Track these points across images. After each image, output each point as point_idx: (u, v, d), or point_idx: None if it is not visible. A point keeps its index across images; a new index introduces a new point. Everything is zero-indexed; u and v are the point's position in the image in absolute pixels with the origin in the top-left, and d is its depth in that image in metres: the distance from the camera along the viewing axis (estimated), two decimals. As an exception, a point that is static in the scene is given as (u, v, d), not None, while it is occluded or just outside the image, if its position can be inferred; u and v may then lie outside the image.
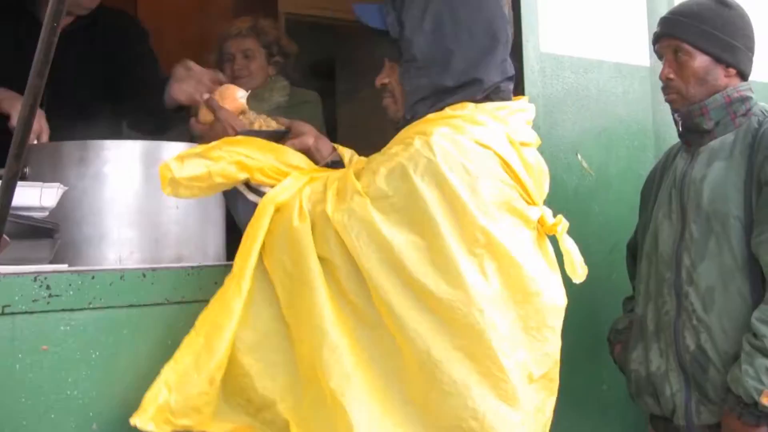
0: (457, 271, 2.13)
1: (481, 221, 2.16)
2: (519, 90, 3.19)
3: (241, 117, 2.64)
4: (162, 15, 5.76)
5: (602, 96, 3.53)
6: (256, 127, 2.66)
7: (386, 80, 2.50)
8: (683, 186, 2.93)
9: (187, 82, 3.05)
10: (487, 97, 2.39)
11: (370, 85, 2.56)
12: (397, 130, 2.39)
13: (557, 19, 3.39)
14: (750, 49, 2.92)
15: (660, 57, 3.01)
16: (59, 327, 2.21)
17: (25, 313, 2.15)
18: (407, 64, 2.39)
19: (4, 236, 2.12)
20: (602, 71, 3.53)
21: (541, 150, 3.16)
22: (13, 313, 2.13)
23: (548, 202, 2.52)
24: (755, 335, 2.63)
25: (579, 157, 3.44)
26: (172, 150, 2.70)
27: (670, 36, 2.94)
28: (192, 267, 2.46)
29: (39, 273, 2.20)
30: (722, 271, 2.79)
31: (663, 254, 2.95)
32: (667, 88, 2.96)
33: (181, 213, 2.66)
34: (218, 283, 2.42)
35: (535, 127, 3.15)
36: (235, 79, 3.84)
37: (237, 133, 2.53)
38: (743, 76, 2.92)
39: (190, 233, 2.67)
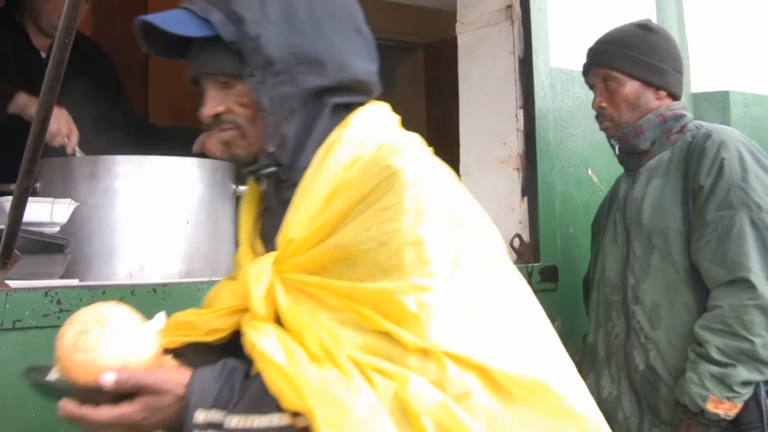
0: None
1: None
2: (530, 104, 3.19)
3: None
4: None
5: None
6: None
7: (220, 108, 1.68)
8: (625, 208, 2.92)
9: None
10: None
11: (380, 99, 2.45)
12: (266, 176, 1.70)
13: (567, 35, 3.40)
14: (678, 70, 2.93)
15: (591, 87, 2.98)
16: (70, 342, 2.21)
17: (36, 327, 2.15)
18: (259, 73, 1.62)
19: (16, 251, 2.13)
20: (612, 86, 3.53)
21: (552, 164, 3.18)
22: (24, 328, 2.14)
23: (560, 217, 2.53)
24: (699, 343, 2.61)
25: (589, 171, 3.44)
26: (183, 165, 2.71)
27: (599, 65, 2.92)
28: (202, 282, 2.46)
29: (50, 288, 2.20)
30: (666, 286, 2.77)
31: (610, 278, 2.93)
32: (601, 116, 2.94)
33: (192, 228, 2.66)
34: (228, 298, 2.43)
35: (546, 141, 3.16)
36: None
37: None
38: (675, 97, 2.92)
39: (200, 248, 2.68)
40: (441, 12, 5.15)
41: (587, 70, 2.98)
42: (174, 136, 3.50)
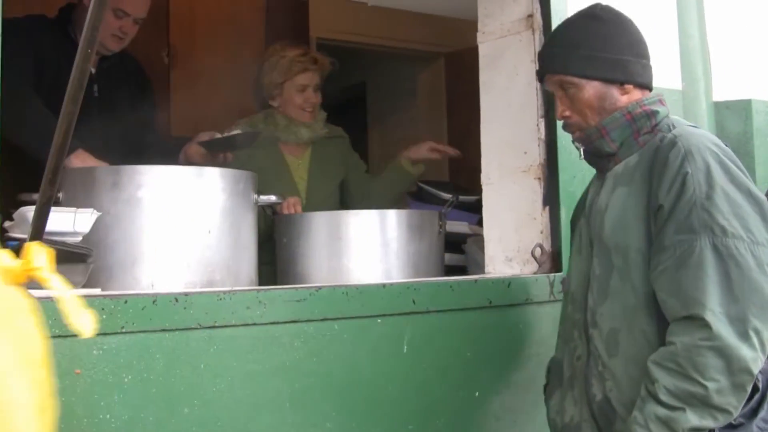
0: None
1: None
2: (551, 114, 3.19)
3: None
4: (194, 41, 5.80)
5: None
6: None
7: None
8: (590, 216, 2.61)
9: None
10: None
11: (401, 109, 2.47)
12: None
13: (588, 43, 3.39)
14: (641, 55, 2.60)
15: (553, 95, 2.69)
16: (92, 351, 2.22)
17: (59, 336, 2.16)
18: None
19: (38, 261, 2.14)
20: (634, 95, 3.52)
21: (573, 174, 3.16)
22: (46, 337, 2.14)
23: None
24: (651, 380, 2.28)
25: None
26: (205, 175, 2.72)
27: (551, 72, 2.62)
28: (224, 291, 2.46)
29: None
30: (625, 310, 2.44)
31: (574, 294, 2.63)
32: (567, 126, 2.63)
33: (214, 238, 2.67)
34: (250, 308, 2.44)
35: (567, 151, 3.15)
36: (303, 110, 3.97)
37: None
38: (646, 87, 2.60)
39: (222, 258, 2.69)
40: (462, 21, 5.16)
41: (541, 79, 2.70)
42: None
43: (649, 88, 2.61)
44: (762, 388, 2.33)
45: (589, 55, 2.55)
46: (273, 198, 3.01)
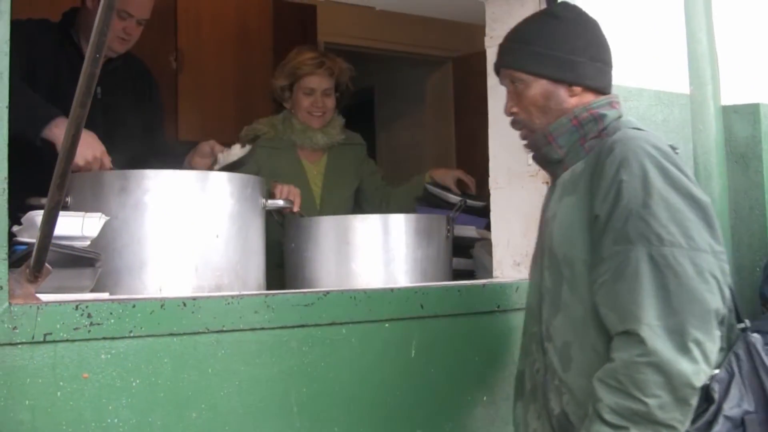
0: None
1: None
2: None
3: None
4: (202, 45, 5.81)
5: (642, 123, 3.49)
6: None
7: None
8: (542, 225, 2.57)
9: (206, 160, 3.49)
10: None
11: (409, 113, 2.46)
12: None
13: (596, 47, 3.39)
14: (597, 59, 2.51)
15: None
16: (100, 355, 2.22)
17: (67, 341, 2.17)
18: None
19: (47, 265, 2.14)
20: (642, 99, 3.52)
21: (581, 178, 3.15)
22: (54, 341, 2.15)
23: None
24: (596, 398, 2.20)
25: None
26: (213, 180, 2.72)
27: (504, 66, 2.58)
28: (232, 296, 2.46)
29: (80, 301, 2.21)
30: (576, 324, 2.35)
31: (531, 305, 2.56)
32: (515, 123, 2.58)
33: (222, 242, 2.67)
34: (258, 312, 2.44)
35: (575, 155, 3.14)
36: (311, 114, 3.98)
37: None
38: (599, 91, 2.51)
39: (230, 262, 2.69)
40: (470, 26, 5.16)
41: (497, 72, 2.64)
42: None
43: (604, 92, 2.52)
44: (718, 399, 2.24)
45: (539, 52, 2.49)
46: (281, 202, 3.01)
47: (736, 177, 3.78)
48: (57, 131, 2.99)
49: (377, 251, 3.13)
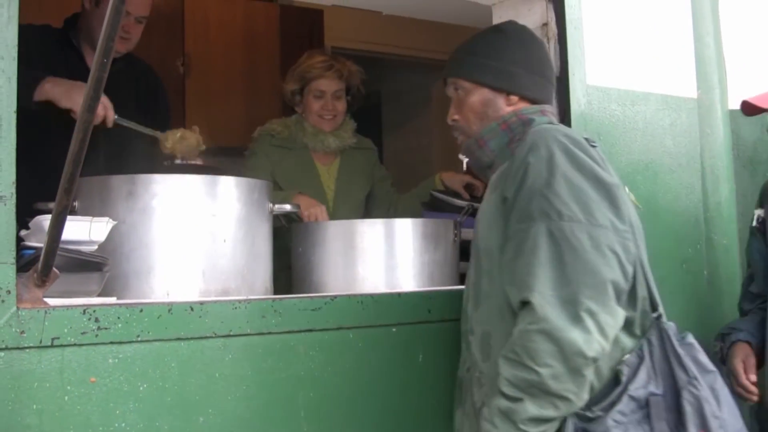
0: None
1: None
2: (566, 122, 3.18)
3: None
4: (209, 49, 5.82)
5: (649, 128, 3.50)
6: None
7: None
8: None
9: None
10: None
11: (415, 117, 2.46)
12: None
13: (603, 52, 3.39)
14: (536, 72, 2.61)
15: None
16: (107, 359, 2.22)
17: (74, 345, 2.17)
18: None
19: (54, 269, 2.15)
20: (649, 103, 3.51)
21: (588, 183, 3.15)
22: (62, 345, 2.15)
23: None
24: (498, 374, 2.21)
25: (627, 190, 3.41)
26: (220, 184, 2.72)
27: (449, 75, 2.68)
28: (239, 300, 2.46)
29: (88, 306, 2.21)
30: (494, 313, 2.36)
31: (464, 305, 2.56)
32: (454, 130, 2.67)
33: (229, 247, 2.67)
34: (265, 316, 2.44)
35: (582, 159, 3.13)
36: (321, 117, 3.97)
37: None
38: (536, 102, 2.59)
39: (237, 267, 2.68)
40: (476, 30, 5.16)
41: (444, 82, 2.72)
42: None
43: (541, 102, 2.61)
44: (625, 381, 2.24)
45: (481, 62, 2.60)
46: (288, 207, 3.01)
47: (743, 181, 3.78)
48: (48, 86, 3.02)
49: (384, 256, 3.12)
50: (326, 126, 3.95)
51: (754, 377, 2.99)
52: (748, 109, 3.15)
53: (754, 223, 3.15)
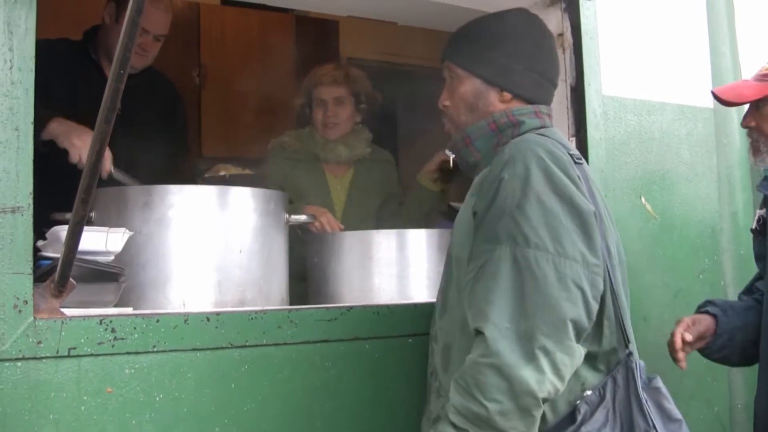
0: None
1: None
2: (582, 133, 3.18)
3: None
4: (225, 60, 5.83)
5: (665, 138, 3.50)
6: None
7: None
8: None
9: None
10: None
11: (431, 128, 2.43)
12: None
13: (619, 62, 3.38)
14: (536, 70, 2.44)
15: None
16: (124, 369, 2.23)
17: (91, 355, 2.18)
18: None
19: (71, 279, 2.15)
20: (665, 113, 3.51)
21: (605, 193, 3.15)
22: (78, 356, 2.16)
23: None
24: (449, 398, 2.11)
25: (643, 200, 3.41)
26: (236, 195, 2.73)
27: (445, 58, 2.53)
28: (255, 311, 2.47)
29: (104, 316, 2.22)
30: (456, 326, 2.26)
31: (435, 309, 2.46)
32: (443, 116, 2.54)
33: (245, 257, 2.67)
34: (281, 327, 2.44)
35: (599, 170, 3.14)
36: (324, 125, 3.93)
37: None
38: (530, 102, 2.44)
39: (253, 277, 2.69)
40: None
41: (441, 61, 2.58)
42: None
43: (537, 103, 2.46)
44: (579, 421, 2.14)
45: (478, 51, 2.45)
46: (304, 218, 3.01)
47: (760, 191, 3.76)
48: (53, 126, 3.02)
49: (400, 266, 3.12)
50: (331, 134, 3.91)
51: (689, 336, 2.80)
52: (722, 101, 3.04)
53: (754, 225, 3.09)
